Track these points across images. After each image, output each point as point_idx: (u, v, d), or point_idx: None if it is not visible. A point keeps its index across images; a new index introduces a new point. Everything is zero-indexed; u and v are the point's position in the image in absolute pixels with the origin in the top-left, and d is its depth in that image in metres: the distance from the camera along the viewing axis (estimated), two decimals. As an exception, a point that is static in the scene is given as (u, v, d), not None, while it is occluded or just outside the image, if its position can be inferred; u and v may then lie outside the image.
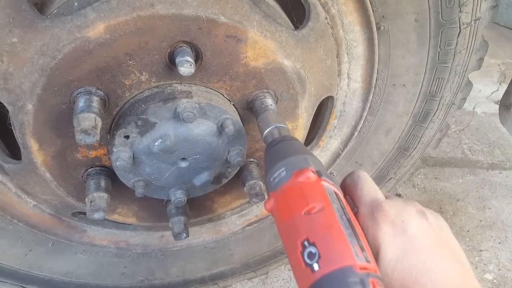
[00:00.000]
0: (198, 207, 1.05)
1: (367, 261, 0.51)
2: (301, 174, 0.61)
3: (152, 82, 0.76)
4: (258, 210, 1.29)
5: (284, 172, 0.63)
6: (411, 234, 0.56)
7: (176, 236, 0.94)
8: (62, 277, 1.20)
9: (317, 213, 0.55)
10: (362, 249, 0.52)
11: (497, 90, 2.85)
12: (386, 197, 0.63)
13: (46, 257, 1.14)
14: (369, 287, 0.47)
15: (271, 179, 0.64)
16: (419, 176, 2.13)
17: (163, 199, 1.00)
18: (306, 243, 0.52)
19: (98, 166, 0.86)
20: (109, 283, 1.26)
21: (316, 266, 0.49)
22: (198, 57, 0.75)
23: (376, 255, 0.56)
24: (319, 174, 0.62)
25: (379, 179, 1.27)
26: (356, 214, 0.62)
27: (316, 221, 0.54)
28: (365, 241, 0.55)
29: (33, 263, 1.13)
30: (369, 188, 0.64)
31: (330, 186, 0.61)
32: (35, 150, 0.79)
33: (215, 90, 0.81)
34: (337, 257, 0.49)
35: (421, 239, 0.56)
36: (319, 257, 0.50)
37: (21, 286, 1.16)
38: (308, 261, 0.50)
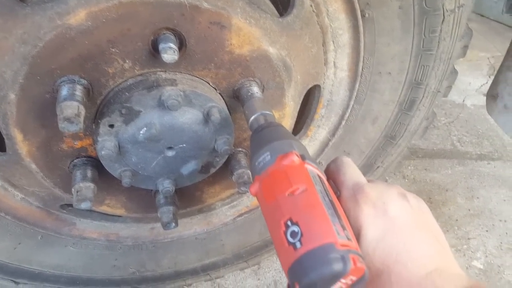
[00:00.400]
0: (187, 197, 1.05)
1: (348, 239, 0.52)
2: (285, 158, 0.61)
3: (135, 70, 0.75)
4: (249, 200, 1.29)
5: (269, 156, 0.64)
6: (392, 215, 0.57)
7: (165, 226, 0.94)
8: (52, 270, 1.19)
9: (300, 194, 0.55)
10: (344, 228, 0.53)
11: (487, 83, 2.89)
12: (369, 181, 0.64)
13: (35, 251, 1.13)
14: (350, 263, 0.48)
15: (256, 163, 0.65)
16: (409, 167, 2.15)
17: (151, 190, 1.00)
18: (289, 222, 0.53)
19: (84, 157, 0.86)
20: (100, 275, 1.26)
21: (298, 244, 0.50)
22: (182, 44, 0.75)
23: (358, 236, 0.56)
24: (303, 157, 0.63)
25: (367, 168, 1.28)
26: (339, 197, 0.63)
27: (299, 201, 0.55)
28: (346, 222, 0.56)
29: (23, 256, 1.13)
30: (352, 173, 0.65)
31: (314, 169, 0.62)
32: (19, 141, 0.79)
33: (200, 78, 0.81)
34: (318, 234, 0.50)
35: (401, 220, 0.56)
36: (302, 235, 0.50)
37: (11, 280, 1.16)
38: (291, 239, 0.51)
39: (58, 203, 1.03)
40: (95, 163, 0.87)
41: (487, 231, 1.80)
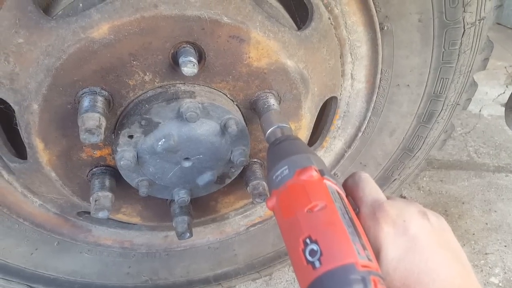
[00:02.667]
0: (201, 207, 1.06)
1: (369, 259, 0.51)
2: (304, 172, 0.61)
3: (155, 82, 0.76)
4: (262, 211, 1.29)
5: (287, 170, 0.63)
6: (413, 234, 0.56)
7: (180, 236, 0.94)
8: (67, 276, 1.21)
9: (320, 211, 0.55)
10: (364, 248, 0.52)
11: (504, 93, 2.82)
12: (388, 198, 0.63)
13: (51, 256, 1.15)
14: (371, 285, 0.47)
15: (274, 177, 0.64)
16: (424, 179, 2.12)
17: (167, 199, 1.00)
18: (308, 240, 0.52)
19: (103, 166, 0.87)
20: (114, 282, 1.27)
21: (317, 263, 0.49)
22: (201, 57, 0.75)
23: (378, 255, 0.56)
24: (321, 173, 0.62)
25: (384, 180, 1.26)
26: (357, 214, 0.62)
27: (318, 219, 0.54)
28: (366, 240, 0.55)
29: (39, 262, 1.14)
30: (371, 189, 0.64)
31: (333, 185, 0.61)
32: (40, 150, 0.80)
33: (218, 90, 0.82)
34: (339, 254, 0.49)
35: (423, 239, 0.56)
36: (321, 254, 0.50)
37: (27, 285, 1.18)
38: (309, 258, 0.50)
39: (75, 210, 1.04)
40: (113, 172, 0.88)
41: (505, 246, 1.75)
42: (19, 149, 0.89)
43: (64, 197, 0.95)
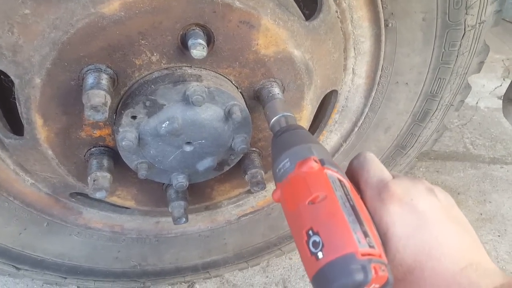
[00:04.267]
0: (196, 194, 1.05)
1: (371, 246, 0.52)
2: (304, 164, 0.61)
3: (162, 64, 0.75)
4: (254, 201, 1.30)
5: (288, 162, 0.64)
6: (422, 211, 0.55)
7: (176, 220, 0.94)
8: (54, 259, 1.19)
9: (320, 202, 0.55)
10: (366, 235, 0.53)
11: (501, 85, 2.82)
12: (394, 177, 0.62)
13: (40, 237, 1.13)
14: (371, 273, 0.48)
15: (277, 170, 0.65)
16: (421, 169, 2.12)
17: (162, 184, 0.99)
18: (310, 232, 0.53)
19: (102, 146, 0.86)
20: (102, 266, 1.26)
21: (320, 255, 0.50)
22: (209, 41, 0.75)
23: (385, 234, 0.56)
24: (322, 162, 0.62)
25: (376, 176, 1.28)
26: (363, 197, 0.63)
27: (319, 210, 0.55)
28: (370, 226, 0.56)
29: (27, 242, 1.12)
30: (375, 169, 0.63)
31: (334, 174, 0.62)
32: (39, 126, 0.78)
33: (224, 76, 0.82)
34: (339, 244, 0.50)
35: (432, 216, 0.55)
36: (323, 245, 0.51)
37: (13, 265, 1.15)
38: (313, 249, 0.51)
39: (68, 191, 1.02)
40: (111, 153, 0.87)
41: (499, 236, 1.77)
42: (14, 125, 0.87)
43: (59, 177, 0.93)
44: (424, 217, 0.55)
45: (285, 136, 0.72)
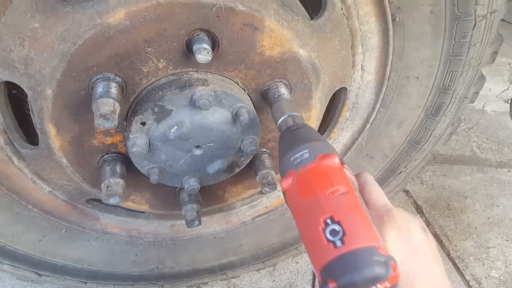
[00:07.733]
0: (209, 196, 1.06)
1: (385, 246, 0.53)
2: (327, 158, 0.62)
3: (169, 70, 0.76)
4: (268, 201, 1.30)
5: (308, 153, 0.64)
6: (415, 244, 0.61)
7: (189, 223, 0.95)
8: (74, 264, 1.22)
9: (342, 195, 0.57)
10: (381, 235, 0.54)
11: (507, 89, 2.83)
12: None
13: (59, 244, 1.15)
14: (391, 269, 0.49)
15: (292, 159, 0.65)
16: (428, 173, 2.13)
17: (175, 188, 1.01)
18: (329, 220, 0.53)
19: (114, 153, 0.88)
20: (120, 270, 1.28)
21: (339, 243, 0.51)
22: (214, 45, 0.75)
23: None
24: (342, 162, 0.64)
25: (390, 172, 1.27)
26: None
27: (341, 202, 0.56)
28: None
29: (47, 249, 1.15)
30: (378, 193, 0.67)
31: (351, 176, 0.63)
32: (52, 135, 0.80)
33: (230, 79, 0.82)
34: (362, 236, 0.51)
35: (423, 251, 0.61)
36: (344, 234, 0.51)
37: (34, 271, 1.18)
38: (330, 237, 0.52)
39: (84, 198, 1.05)
40: (124, 159, 0.89)
41: (507, 240, 1.77)
42: (30, 135, 0.90)
43: (74, 184, 0.95)
44: (416, 250, 0.60)
45: (301, 130, 0.73)
